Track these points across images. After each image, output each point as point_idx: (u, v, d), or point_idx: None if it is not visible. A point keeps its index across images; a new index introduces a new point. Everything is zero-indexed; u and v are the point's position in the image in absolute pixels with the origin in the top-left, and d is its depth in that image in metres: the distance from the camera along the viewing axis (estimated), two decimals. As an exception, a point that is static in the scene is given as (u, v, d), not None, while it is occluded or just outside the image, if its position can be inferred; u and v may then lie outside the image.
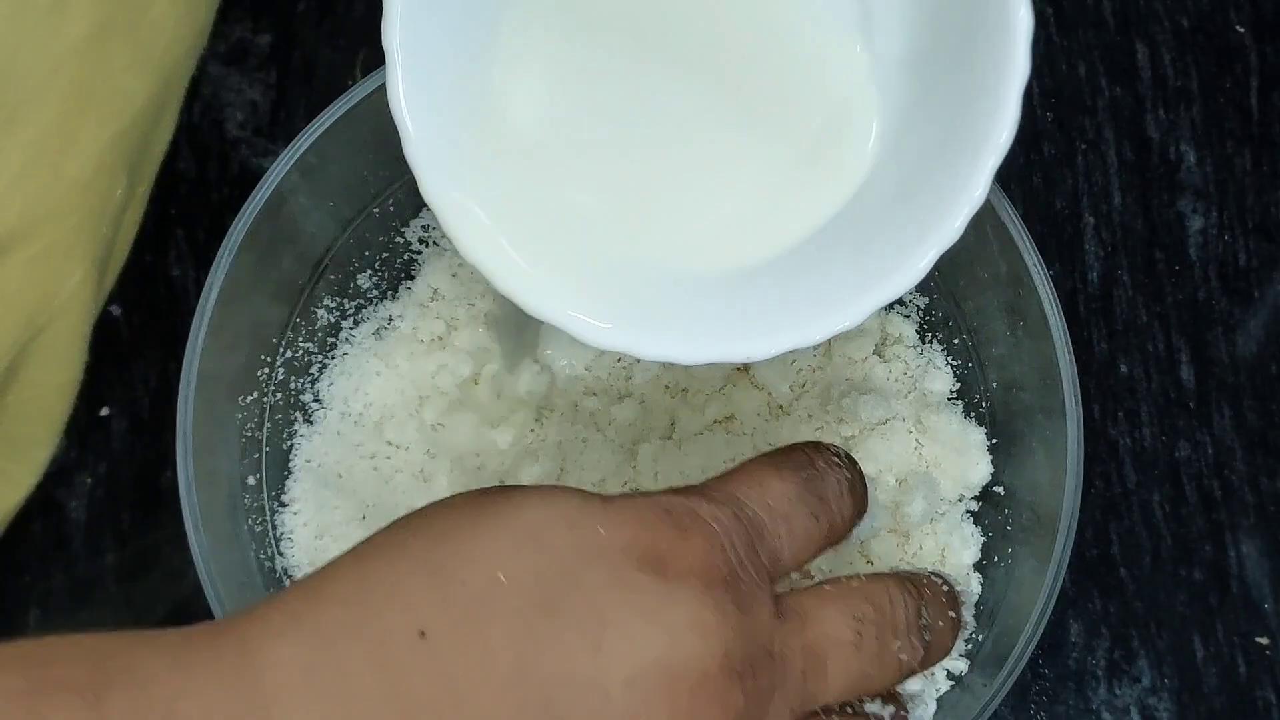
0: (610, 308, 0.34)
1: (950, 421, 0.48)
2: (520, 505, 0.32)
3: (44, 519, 0.50)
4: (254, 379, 0.48)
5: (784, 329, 0.33)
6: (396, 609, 0.30)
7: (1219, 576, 0.51)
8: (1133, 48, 0.55)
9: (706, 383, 0.49)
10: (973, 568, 0.48)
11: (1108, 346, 0.53)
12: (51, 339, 0.41)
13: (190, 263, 0.53)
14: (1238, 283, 0.53)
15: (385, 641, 0.30)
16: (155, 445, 0.51)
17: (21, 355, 0.40)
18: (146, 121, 0.42)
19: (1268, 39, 0.55)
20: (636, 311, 0.34)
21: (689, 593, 0.31)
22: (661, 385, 0.49)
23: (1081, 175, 0.54)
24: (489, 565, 0.31)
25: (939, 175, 0.33)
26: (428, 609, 0.30)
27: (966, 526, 0.48)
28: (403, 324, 0.50)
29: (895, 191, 0.34)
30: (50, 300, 0.40)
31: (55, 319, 0.41)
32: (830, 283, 0.34)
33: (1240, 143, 0.54)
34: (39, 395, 0.42)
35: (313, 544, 0.47)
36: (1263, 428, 0.52)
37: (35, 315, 0.40)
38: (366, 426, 0.49)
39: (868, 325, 0.49)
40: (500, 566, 0.31)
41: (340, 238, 0.50)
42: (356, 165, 0.49)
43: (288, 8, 0.55)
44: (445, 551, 0.31)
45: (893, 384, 0.49)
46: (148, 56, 0.40)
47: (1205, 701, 0.50)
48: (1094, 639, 0.50)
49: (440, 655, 0.30)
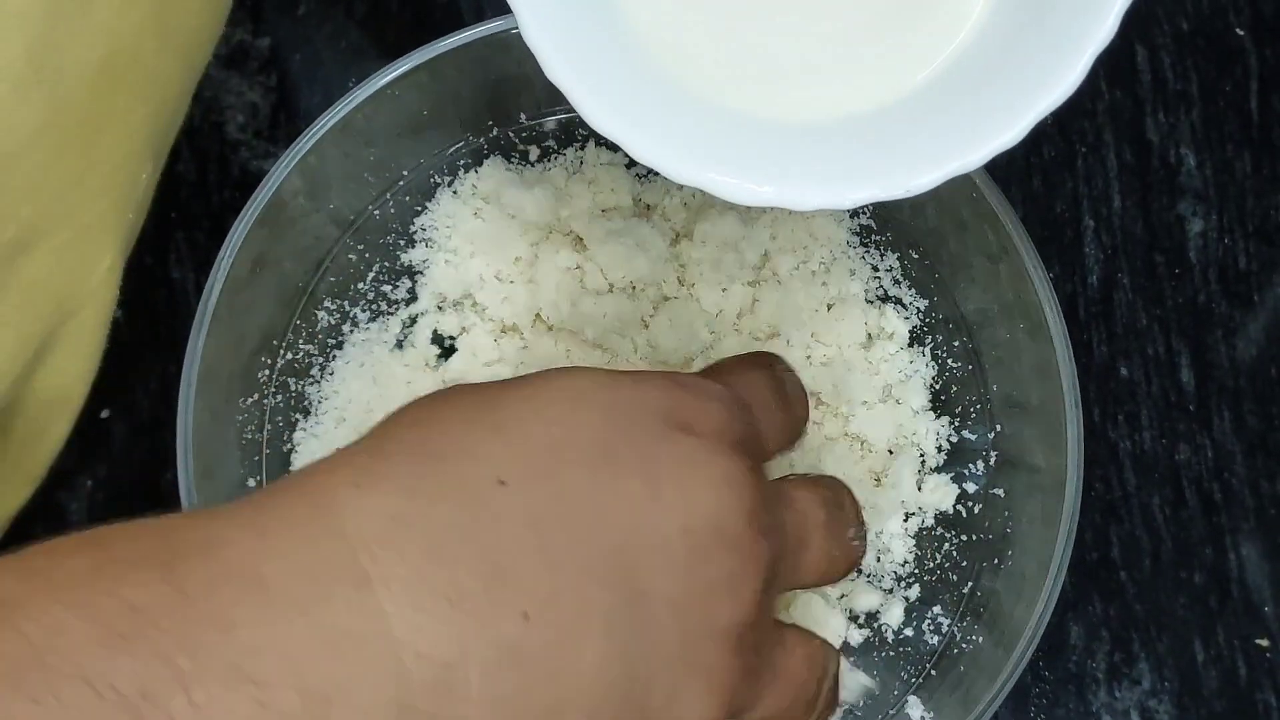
0: (756, 165, 0.34)
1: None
2: (553, 376, 0.33)
3: (45, 522, 0.50)
4: (254, 381, 0.48)
5: (946, 157, 0.33)
6: (471, 461, 0.30)
7: (1219, 579, 0.51)
8: (1132, 51, 0.55)
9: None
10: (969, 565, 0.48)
11: (1108, 349, 0.53)
12: (79, 326, 0.41)
13: (191, 265, 0.53)
14: (1238, 286, 0.53)
15: (468, 489, 0.30)
16: (155, 448, 0.51)
17: (50, 341, 0.40)
18: (172, 105, 0.42)
19: (1267, 42, 0.55)
20: (781, 167, 0.34)
21: (719, 451, 0.33)
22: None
23: (1081, 178, 0.54)
24: (547, 421, 0.32)
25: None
26: (501, 460, 0.30)
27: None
28: (403, 325, 0.50)
29: (1023, 17, 0.34)
30: (81, 286, 0.40)
31: (85, 305, 0.40)
32: (980, 109, 0.33)
33: (1240, 146, 0.54)
34: (63, 383, 0.42)
35: (313, 546, 0.47)
36: (1263, 431, 0.52)
37: (66, 301, 0.40)
38: (367, 429, 0.49)
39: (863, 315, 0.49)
40: (557, 422, 0.32)
41: (340, 240, 0.50)
42: (357, 167, 0.49)
43: (288, 10, 0.55)
44: (502, 414, 0.32)
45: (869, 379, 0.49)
46: (173, 38, 0.40)
47: (1206, 704, 0.50)
48: (1094, 642, 0.50)
49: (524, 501, 0.30)
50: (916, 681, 0.47)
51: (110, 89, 0.38)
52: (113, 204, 0.40)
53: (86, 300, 0.41)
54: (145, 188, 0.42)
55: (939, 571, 0.48)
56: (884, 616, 0.48)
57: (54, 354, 0.41)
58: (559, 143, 0.51)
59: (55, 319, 0.40)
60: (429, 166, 0.51)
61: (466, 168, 0.51)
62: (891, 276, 0.50)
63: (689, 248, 0.50)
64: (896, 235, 0.50)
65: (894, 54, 0.35)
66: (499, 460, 0.31)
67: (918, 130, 0.34)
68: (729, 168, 0.33)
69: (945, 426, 0.49)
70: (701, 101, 0.35)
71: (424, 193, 0.51)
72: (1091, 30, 0.32)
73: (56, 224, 0.38)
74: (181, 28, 0.40)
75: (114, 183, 0.40)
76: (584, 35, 0.34)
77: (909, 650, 0.48)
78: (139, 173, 0.41)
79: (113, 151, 0.39)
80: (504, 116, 0.51)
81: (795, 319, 0.49)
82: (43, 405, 0.42)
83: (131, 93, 0.39)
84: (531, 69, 0.33)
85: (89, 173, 0.38)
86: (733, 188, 0.33)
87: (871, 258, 0.50)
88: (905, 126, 0.34)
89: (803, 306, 0.49)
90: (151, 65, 0.39)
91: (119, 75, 0.38)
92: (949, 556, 0.48)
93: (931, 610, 0.48)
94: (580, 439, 0.32)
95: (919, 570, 0.48)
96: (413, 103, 0.48)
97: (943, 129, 0.34)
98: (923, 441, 0.49)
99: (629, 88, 0.34)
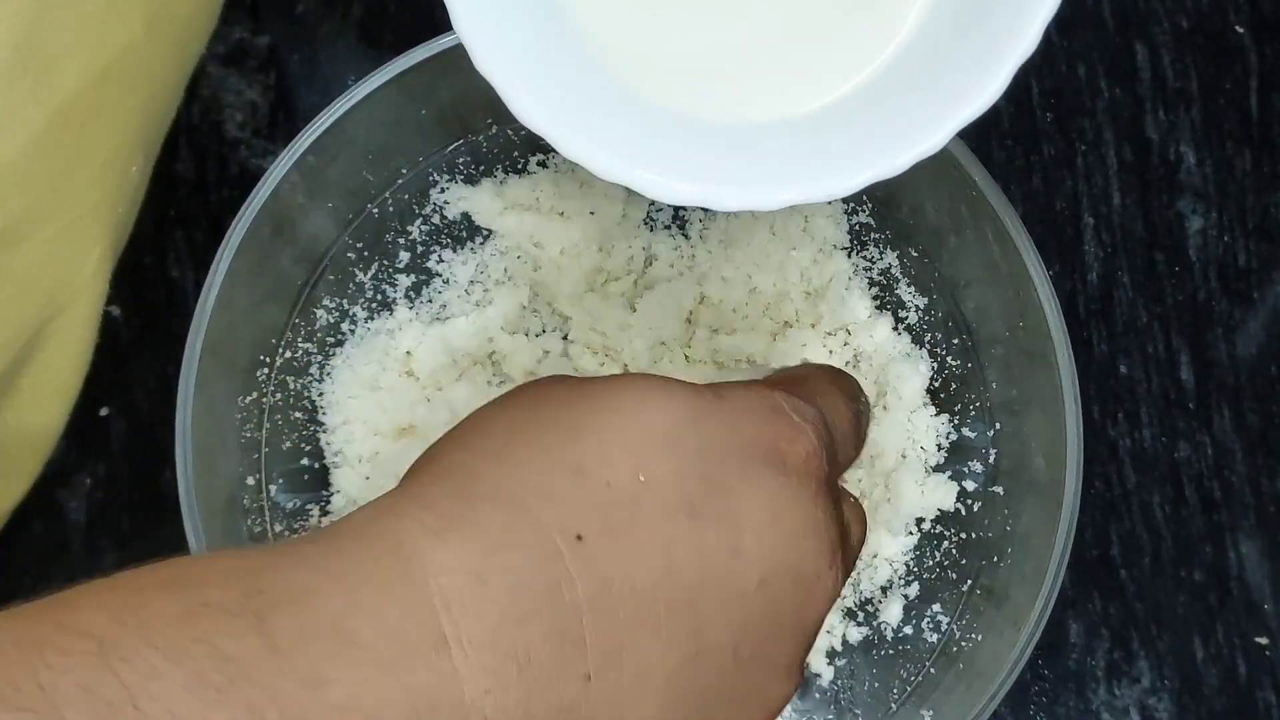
0: (683, 165, 0.34)
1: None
2: (640, 399, 0.32)
3: (44, 520, 0.50)
4: (253, 380, 0.48)
5: (866, 163, 0.33)
6: (552, 511, 0.30)
7: (1219, 577, 0.51)
8: (1132, 49, 0.55)
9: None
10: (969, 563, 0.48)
11: (1107, 347, 0.52)
12: (69, 320, 0.41)
13: (189, 264, 0.53)
14: (1237, 284, 0.53)
15: (546, 545, 0.30)
16: (154, 446, 0.51)
17: (39, 336, 0.40)
18: (164, 99, 0.42)
19: (1267, 40, 0.55)
20: (708, 167, 0.34)
21: (805, 490, 0.33)
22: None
23: (1081, 176, 0.54)
24: (630, 466, 0.31)
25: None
26: (580, 512, 0.30)
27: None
28: (403, 324, 0.50)
29: (955, 25, 0.34)
30: (71, 280, 0.40)
31: (75, 299, 0.40)
32: (906, 115, 0.33)
33: (1240, 144, 0.54)
34: (55, 378, 0.42)
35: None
36: (1262, 429, 0.52)
37: (56, 295, 0.40)
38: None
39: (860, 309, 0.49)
40: (640, 468, 0.31)
41: (339, 238, 0.50)
42: (355, 166, 0.49)
43: (287, 9, 0.55)
44: (583, 450, 0.31)
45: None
46: (165, 30, 0.40)
47: (1205, 702, 0.50)
48: (1094, 640, 0.50)
49: (598, 558, 0.30)
50: (916, 680, 0.47)
51: (100, 80, 0.38)
52: (104, 196, 0.40)
53: (78, 293, 0.40)
54: (136, 182, 0.42)
55: (938, 569, 0.48)
56: (883, 614, 0.48)
57: (46, 347, 0.41)
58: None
59: (47, 312, 0.40)
60: (428, 165, 0.50)
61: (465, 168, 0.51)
62: (891, 275, 0.50)
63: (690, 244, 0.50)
64: (896, 234, 0.50)
65: (831, 57, 0.35)
66: (578, 512, 0.30)
67: (848, 133, 0.34)
68: (656, 166, 0.33)
69: (945, 425, 0.49)
70: (638, 100, 0.35)
71: (423, 191, 0.51)
72: (1014, 44, 0.32)
73: (47, 215, 0.38)
74: (173, 19, 0.40)
75: (105, 175, 0.39)
76: (519, 28, 0.33)
77: (908, 648, 0.48)
78: (129, 165, 0.41)
79: (103, 144, 0.39)
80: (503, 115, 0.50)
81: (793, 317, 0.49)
82: (36, 399, 0.42)
83: (122, 85, 0.39)
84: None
85: (79, 164, 0.38)
86: (657, 185, 0.33)
87: (870, 256, 0.50)
88: (837, 129, 0.34)
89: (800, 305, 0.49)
90: (142, 57, 0.39)
91: (109, 67, 0.38)
92: (948, 555, 0.48)
93: (931, 608, 0.48)
94: (664, 490, 0.31)
95: (918, 568, 0.48)
96: (411, 101, 0.48)
97: (871, 133, 0.34)
98: (922, 440, 0.49)
99: (563, 84, 0.34)
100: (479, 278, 0.50)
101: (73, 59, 0.37)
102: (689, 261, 0.50)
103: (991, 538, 0.48)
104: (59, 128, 0.37)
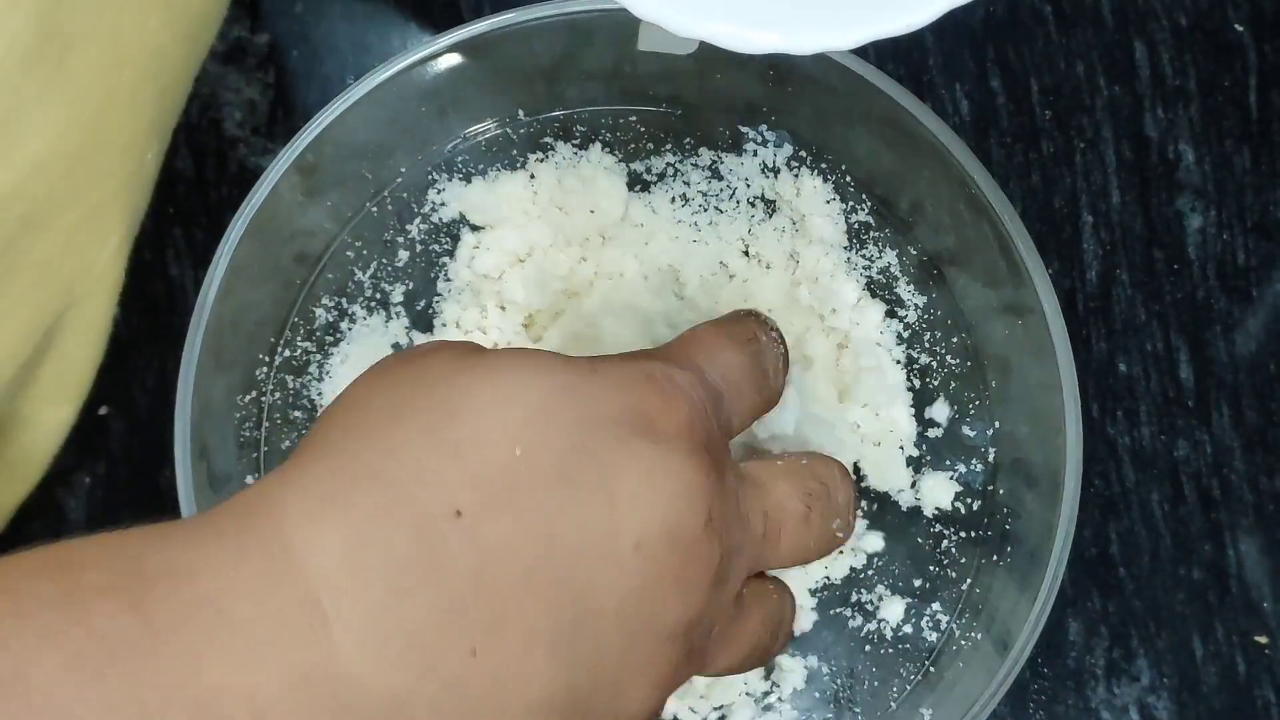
0: (758, 12, 0.33)
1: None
2: (517, 375, 0.33)
3: (43, 519, 0.50)
4: (252, 378, 0.48)
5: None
6: (429, 489, 0.30)
7: (1218, 575, 0.51)
8: (1131, 46, 0.55)
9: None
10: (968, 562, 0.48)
11: (1106, 346, 0.53)
12: (87, 310, 0.41)
13: (188, 261, 0.53)
14: (1236, 281, 0.53)
15: (425, 522, 0.30)
16: (154, 445, 0.51)
17: (57, 326, 0.40)
18: (177, 85, 0.42)
19: (1266, 37, 0.55)
20: (782, 12, 0.33)
21: (678, 455, 0.33)
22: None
23: (1080, 174, 0.54)
24: (507, 441, 0.32)
25: None
26: (458, 488, 0.31)
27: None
28: (402, 323, 0.50)
29: None
30: (90, 269, 0.40)
31: (93, 289, 0.40)
32: None
33: (1239, 141, 0.54)
34: (71, 369, 0.42)
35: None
36: (1261, 427, 0.52)
37: (75, 284, 0.40)
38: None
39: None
40: (518, 442, 0.32)
41: (339, 236, 0.50)
42: (355, 164, 0.49)
43: (286, 7, 0.55)
44: (461, 428, 0.32)
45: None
46: (179, 16, 0.40)
47: (1204, 701, 0.50)
48: (1093, 638, 0.50)
49: (478, 533, 0.30)
50: (916, 679, 0.47)
51: (117, 66, 0.38)
52: (121, 183, 0.40)
53: (95, 284, 0.40)
54: (151, 168, 0.42)
55: (938, 568, 0.48)
56: (883, 613, 0.48)
57: (63, 340, 0.41)
58: (556, 138, 0.51)
59: (65, 300, 0.40)
60: (427, 163, 0.50)
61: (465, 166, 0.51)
62: (890, 273, 0.50)
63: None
64: (895, 232, 0.50)
65: None
66: (457, 488, 0.31)
67: None
68: (732, 17, 0.33)
69: (944, 423, 0.49)
70: None
71: (422, 190, 0.51)
72: None
73: (66, 202, 0.38)
74: (186, 6, 0.40)
75: (123, 161, 0.39)
76: None
77: (908, 648, 0.48)
78: (145, 152, 0.40)
79: (120, 129, 0.39)
80: (503, 113, 0.51)
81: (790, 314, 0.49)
82: (53, 391, 0.42)
83: (137, 70, 0.39)
84: (530, 65, 0.33)
85: (97, 150, 0.38)
86: (733, 36, 0.33)
87: (869, 255, 0.50)
88: None
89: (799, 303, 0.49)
90: (157, 43, 0.39)
91: (125, 52, 0.38)
92: (948, 553, 0.48)
93: (930, 607, 0.48)
94: (540, 462, 0.32)
95: (918, 567, 0.48)
96: (410, 99, 0.48)
97: None
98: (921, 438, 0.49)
99: None
100: (477, 276, 0.50)
101: (91, 44, 0.36)
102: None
103: (991, 536, 0.48)
104: (77, 113, 0.37)
